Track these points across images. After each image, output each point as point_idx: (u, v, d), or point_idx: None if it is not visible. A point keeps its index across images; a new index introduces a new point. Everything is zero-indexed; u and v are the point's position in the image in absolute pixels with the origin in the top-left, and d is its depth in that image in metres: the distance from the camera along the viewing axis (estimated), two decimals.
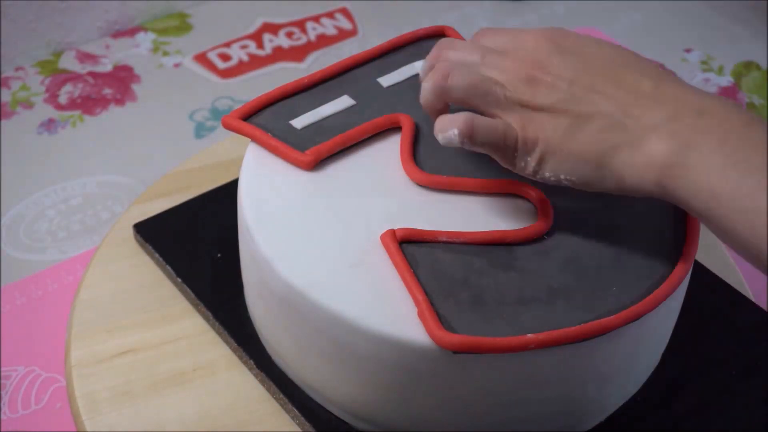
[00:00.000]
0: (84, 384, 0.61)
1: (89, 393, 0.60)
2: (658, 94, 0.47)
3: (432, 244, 0.53)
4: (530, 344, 0.48)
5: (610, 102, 0.47)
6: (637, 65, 0.49)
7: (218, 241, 0.67)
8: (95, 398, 0.60)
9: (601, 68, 0.48)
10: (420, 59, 0.66)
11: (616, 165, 0.47)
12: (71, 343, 0.63)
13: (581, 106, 0.48)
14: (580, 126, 0.48)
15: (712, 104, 0.45)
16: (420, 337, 0.49)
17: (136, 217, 0.70)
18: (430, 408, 0.53)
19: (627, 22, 1.28)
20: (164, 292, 0.66)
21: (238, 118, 0.61)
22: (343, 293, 0.51)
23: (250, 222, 0.55)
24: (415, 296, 0.50)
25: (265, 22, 1.24)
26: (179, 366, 0.62)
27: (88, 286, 0.67)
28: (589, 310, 0.50)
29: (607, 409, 0.58)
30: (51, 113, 1.10)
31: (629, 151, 0.46)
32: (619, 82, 0.48)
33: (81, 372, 0.62)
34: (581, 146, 0.47)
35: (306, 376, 0.57)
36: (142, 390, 0.60)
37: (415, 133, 0.60)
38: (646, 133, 0.46)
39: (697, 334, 0.63)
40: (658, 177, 0.45)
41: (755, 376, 0.60)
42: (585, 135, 0.47)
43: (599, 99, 0.47)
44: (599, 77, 0.48)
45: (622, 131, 0.46)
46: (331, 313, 0.51)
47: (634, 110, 0.46)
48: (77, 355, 0.63)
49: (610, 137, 0.47)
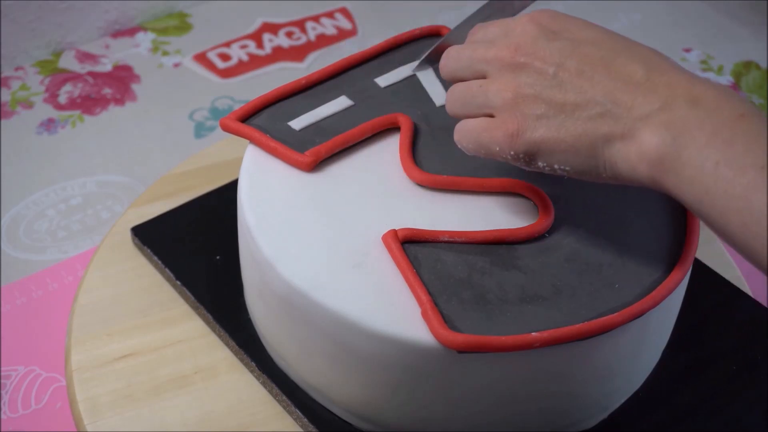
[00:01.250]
0: (85, 388, 0.61)
1: (91, 397, 0.60)
2: (650, 81, 0.45)
3: (434, 244, 0.53)
4: (534, 343, 0.48)
5: (599, 88, 0.46)
6: (628, 50, 0.47)
7: (217, 243, 0.67)
8: (97, 402, 0.60)
9: (589, 52, 0.47)
10: (417, 59, 0.66)
11: (609, 156, 0.46)
12: (71, 347, 0.63)
13: (569, 93, 0.46)
14: (568, 115, 0.46)
15: (706, 93, 0.44)
16: (424, 336, 0.49)
17: (132, 220, 0.70)
18: (433, 407, 0.53)
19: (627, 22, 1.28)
20: (163, 295, 0.66)
21: (237, 120, 0.60)
22: (346, 294, 0.51)
23: (250, 224, 0.55)
24: (419, 296, 0.50)
25: (265, 22, 1.24)
26: (180, 369, 0.62)
27: (87, 291, 0.67)
28: (592, 308, 0.50)
29: (609, 406, 0.58)
30: (51, 113, 1.10)
31: (621, 142, 0.45)
32: (609, 68, 0.46)
33: (82, 376, 0.61)
34: (572, 136, 0.46)
35: (308, 377, 0.57)
36: (143, 393, 0.60)
37: (413, 133, 0.60)
38: (638, 123, 0.45)
39: (697, 331, 0.63)
40: (650, 171, 0.44)
41: (755, 371, 0.61)
42: (575, 124, 0.46)
43: (588, 85, 0.46)
44: (588, 62, 0.47)
45: (613, 121, 0.45)
46: (334, 314, 0.51)
47: (624, 98, 0.45)
48: (78, 359, 0.62)
49: (601, 127, 0.46)
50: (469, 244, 0.53)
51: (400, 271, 0.52)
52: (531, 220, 0.55)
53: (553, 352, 0.49)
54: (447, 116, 0.57)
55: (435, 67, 0.66)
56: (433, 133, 0.60)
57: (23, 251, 0.94)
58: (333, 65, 0.64)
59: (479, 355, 0.49)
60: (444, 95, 0.63)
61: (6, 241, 0.94)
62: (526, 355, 0.49)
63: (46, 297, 0.88)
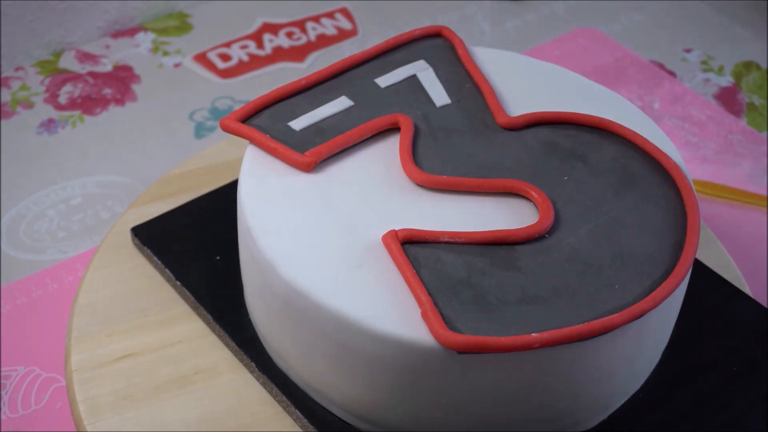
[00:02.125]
0: (85, 389, 0.61)
1: (91, 398, 0.60)
2: None
3: (434, 245, 0.53)
4: (534, 344, 0.48)
5: None
6: None
7: (216, 244, 0.67)
8: (97, 403, 0.60)
9: None
10: (416, 59, 0.66)
11: None
12: (71, 347, 0.63)
13: None
14: None
15: None
16: (424, 337, 0.49)
17: (132, 220, 0.70)
18: (433, 408, 0.53)
19: (627, 22, 1.28)
20: (163, 295, 0.66)
21: (237, 120, 0.61)
22: (347, 294, 0.51)
23: (251, 224, 0.55)
24: (419, 297, 0.50)
25: (265, 22, 1.24)
26: (180, 369, 0.62)
27: (87, 291, 0.67)
28: (592, 308, 0.50)
29: (610, 407, 0.58)
30: (51, 113, 1.10)
31: None
32: None
33: (82, 377, 0.61)
34: None
35: (309, 377, 0.57)
36: (143, 394, 0.60)
37: (413, 134, 0.60)
38: None
39: (697, 331, 0.63)
40: None
41: (755, 372, 0.61)
42: None
43: None
44: None
45: None
46: (334, 315, 0.51)
47: None
48: (78, 359, 0.62)
49: None
50: (469, 245, 0.53)
51: (400, 272, 0.52)
52: (531, 221, 0.55)
53: (553, 352, 0.49)
54: (447, 116, 0.58)
55: (436, 69, 0.66)
56: (433, 134, 0.60)
57: (23, 251, 0.94)
58: (333, 66, 0.64)
59: (479, 356, 0.49)
60: (444, 96, 0.63)
61: (6, 241, 0.94)
62: (526, 355, 0.49)
63: (46, 297, 0.88)
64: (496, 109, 0.62)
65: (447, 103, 0.63)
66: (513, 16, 1.28)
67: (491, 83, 0.65)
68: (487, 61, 0.67)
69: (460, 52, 0.67)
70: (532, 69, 0.67)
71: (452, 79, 0.65)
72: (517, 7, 1.30)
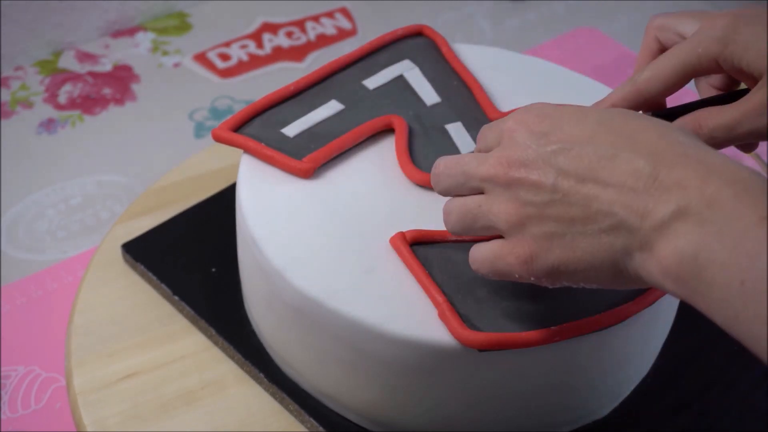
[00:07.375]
0: (91, 411, 0.59)
1: (98, 420, 0.59)
2: (659, 181, 0.41)
3: (442, 245, 0.54)
4: (555, 337, 0.48)
5: (605, 197, 0.42)
6: (628, 139, 0.43)
7: (211, 255, 0.66)
8: (105, 425, 0.58)
9: (587, 153, 0.43)
10: (401, 59, 0.66)
11: (633, 269, 0.43)
12: (72, 370, 0.62)
13: (573, 207, 0.43)
14: (579, 230, 0.43)
15: (720, 193, 0.39)
16: (444, 337, 0.49)
17: (120, 236, 0.69)
18: (450, 407, 0.53)
19: (627, 22, 1.28)
20: (161, 310, 0.65)
21: (229, 130, 0.60)
22: (361, 299, 0.51)
23: (255, 235, 0.55)
24: (434, 297, 0.50)
25: (264, 22, 1.24)
26: (186, 385, 0.60)
27: (82, 311, 0.65)
28: (604, 298, 0.51)
29: (622, 393, 0.58)
30: (50, 113, 1.10)
31: (641, 254, 0.42)
32: (611, 169, 0.42)
33: (86, 399, 0.60)
34: (589, 254, 0.43)
35: (322, 384, 0.57)
36: (151, 412, 0.59)
37: (408, 134, 0.60)
38: (654, 234, 0.41)
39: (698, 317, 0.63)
40: (679, 290, 0.41)
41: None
42: (588, 240, 0.43)
43: (592, 194, 0.42)
44: (587, 166, 0.43)
45: (628, 232, 0.42)
46: (351, 320, 0.50)
47: (634, 204, 0.41)
48: (80, 382, 0.61)
49: (616, 241, 0.42)
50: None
51: (413, 274, 0.52)
52: None
53: (571, 344, 0.50)
54: (439, 115, 0.57)
55: (422, 67, 0.66)
56: (427, 133, 0.61)
57: (23, 251, 0.94)
58: (319, 70, 0.65)
59: (499, 353, 0.49)
60: (433, 95, 0.63)
61: (6, 241, 0.94)
62: (545, 349, 0.49)
63: (46, 297, 0.88)
64: (486, 104, 0.62)
65: (437, 102, 0.63)
66: (513, 15, 1.28)
67: (478, 79, 0.65)
68: (471, 58, 0.67)
69: (444, 50, 0.67)
70: (517, 64, 0.68)
71: (439, 78, 0.65)
72: (517, 6, 1.30)
